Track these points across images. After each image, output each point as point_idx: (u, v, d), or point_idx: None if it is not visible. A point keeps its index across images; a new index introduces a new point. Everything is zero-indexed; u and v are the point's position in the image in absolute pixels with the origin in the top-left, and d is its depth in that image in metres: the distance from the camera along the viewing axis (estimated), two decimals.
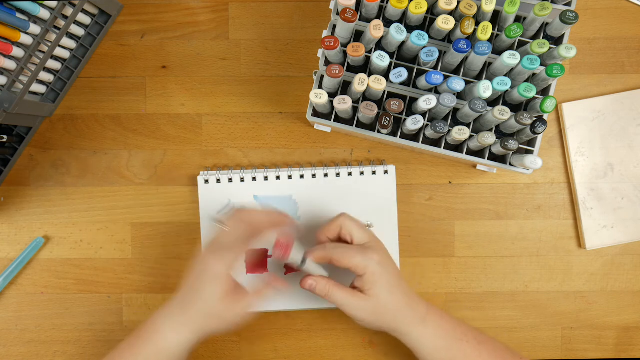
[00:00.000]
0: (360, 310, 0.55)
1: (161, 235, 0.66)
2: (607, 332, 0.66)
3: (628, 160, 0.65)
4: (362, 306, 0.55)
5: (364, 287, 0.54)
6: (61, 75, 0.64)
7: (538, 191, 0.66)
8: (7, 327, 0.66)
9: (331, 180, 0.65)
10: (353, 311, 0.55)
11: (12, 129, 0.64)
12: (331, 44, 0.54)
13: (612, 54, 0.66)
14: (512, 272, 0.66)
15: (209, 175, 0.65)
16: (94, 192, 0.66)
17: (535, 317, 0.66)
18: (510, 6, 0.54)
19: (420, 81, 0.58)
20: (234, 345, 0.66)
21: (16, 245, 0.66)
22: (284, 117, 0.66)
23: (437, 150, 0.60)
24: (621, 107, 0.65)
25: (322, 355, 0.66)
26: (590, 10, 0.67)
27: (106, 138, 0.66)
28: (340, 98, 0.55)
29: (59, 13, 0.57)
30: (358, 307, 0.55)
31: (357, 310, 0.55)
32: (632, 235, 0.65)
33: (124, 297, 0.66)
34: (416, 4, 0.53)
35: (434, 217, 0.66)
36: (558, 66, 0.54)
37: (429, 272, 0.66)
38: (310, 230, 0.65)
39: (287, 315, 0.66)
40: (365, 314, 0.55)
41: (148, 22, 0.67)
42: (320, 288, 0.55)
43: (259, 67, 0.67)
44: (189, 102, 0.66)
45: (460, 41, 0.54)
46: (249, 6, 0.67)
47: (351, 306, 0.55)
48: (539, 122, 0.54)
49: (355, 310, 0.55)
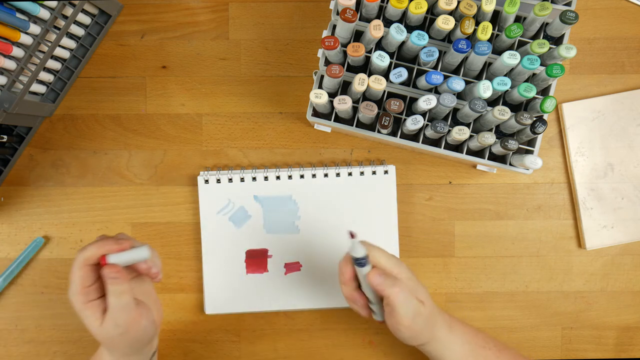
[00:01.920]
0: (419, 316, 0.51)
1: (161, 235, 0.66)
2: (607, 332, 0.66)
3: (628, 160, 0.65)
4: (423, 312, 0.51)
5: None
6: (61, 75, 0.64)
7: (538, 191, 0.66)
8: (7, 327, 0.66)
9: (331, 180, 0.65)
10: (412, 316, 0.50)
11: (12, 129, 0.64)
12: (331, 44, 0.54)
13: (612, 54, 0.66)
14: (512, 272, 0.66)
15: (209, 175, 0.65)
16: (94, 192, 0.66)
17: (535, 317, 0.66)
18: (510, 6, 0.54)
19: (420, 81, 0.58)
20: (234, 345, 0.66)
21: (16, 245, 0.66)
22: (284, 117, 0.66)
23: (437, 150, 0.60)
24: (621, 107, 0.65)
25: (322, 355, 0.66)
26: (590, 10, 0.67)
27: (106, 138, 0.66)
28: (340, 98, 0.55)
29: (59, 13, 0.57)
30: (420, 313, 0.51)
31: (417, 316, 0.51)
32: (632, 235, 0.65)
33: None
34: (416, 4, 0.53)
35: (434, 217, 0.66)
36: (558, 66, 0.54)
37: (429, 272, 0.66)
38: (310, 230, 0.65)
39: (287, 315, 0.66)
40: (421, 320, 0.51)
41: (148, 22, 0.67)
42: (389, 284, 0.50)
43: (259, 67, 0.67)
44: (189, 102, 0.66)
45: (460, 41, 0.54)
46: (249, 6, 0.67)
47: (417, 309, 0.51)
48: (539, 122, 0.54)
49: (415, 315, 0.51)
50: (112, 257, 0.48)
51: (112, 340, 0.49)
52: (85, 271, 0.48)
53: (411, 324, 0.51)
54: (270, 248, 0.65)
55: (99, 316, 0.48)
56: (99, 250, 0.48)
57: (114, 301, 0.47)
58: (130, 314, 0.48)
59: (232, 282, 0.65)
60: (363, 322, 0.66)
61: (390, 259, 0.52)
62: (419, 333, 0.53)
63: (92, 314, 0.48)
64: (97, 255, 0.48)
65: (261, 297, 0.65)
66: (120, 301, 0.47)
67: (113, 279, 0.47)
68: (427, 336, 0.54)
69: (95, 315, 0.48)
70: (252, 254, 0.65)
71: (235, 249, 0.65)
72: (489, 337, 0.58)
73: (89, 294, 0.48)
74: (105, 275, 0.47)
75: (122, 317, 0.48)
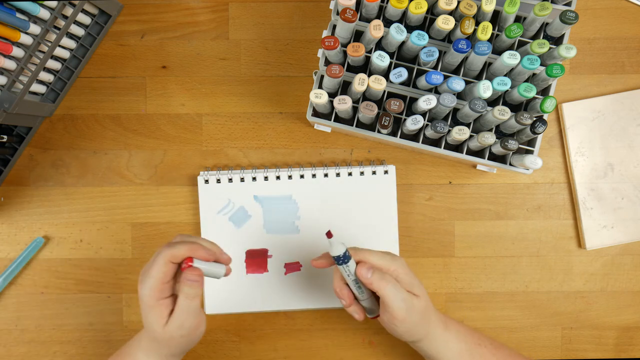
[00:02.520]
0: (413, 311, 0.51)
1: (161, 235, 0.66)
2: (607, 332, 0.66)
3: (628, 160, 0.65)
4: (417, 306, 0.51)
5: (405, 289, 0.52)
6: (61, 75, 0.64)
7: (538, 191, 0.66)
8: (7, 327, 0.66)
9: (331, 180, 0.65)
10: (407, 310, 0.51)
11: (12, 129, 0.64)
12: (331, 44, 0.54)
13: (612, 54, 0.66)
14: (512, 272, 0.66)
15: (209, 175, 0.65)
16: (94, 192, 0.66)
17: (535, 317, 0.66)
18: (510, 6, 0.54)
19: (420, 81, 0.58)
20: (234, 345, 0.66)
21: (16, 245, 0.66)
22: (284, 117, 0.66)
23: (437, 150, 0.60)
24: (621, 107, 0.65)
25: (322, 355, 0.66)
26: (590, 10, 0.67)
27: (106, 138, 0.66)
28: (340, 98, 0.55)
29: (59, 13, 0.57)
30: (413, 307, 0.51)
31: (411, 310, 0.51)
32: (632, 235, 0.65)
33: (124, 297, 0.66)
34: (416, 4, 0.53)
35: (434, 217, 0.66)
36: (558, 66, 0.54)
37: (429, 272, 0.66)
38: (310, 230, 0.65)
39: (287, 315, 0.66)
40: (416, 315, 0.52)
41: (148, 22, 0.67)
42: (378, 276, 0.50)
43: (259, 67, 0.67)
44: (189, 102, 0.66)
45: (460, 41, 0.54)
46: (249, 6, 0.67)
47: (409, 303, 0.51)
48: (539, 122, 0.54)
49: (409, 309, 0.51)
50: (197, 262, 0.49)
51: (170, 340, 0.50)
52: (169, 268, 0.48)
53: (405, 317, 0.51)
54: (270, 248, 0.65)
55: (165, 315, 0.49)
56: (189, 253, 0.49)
57: (186, 304, 0.48)
58: (195, 319, 0.49)
59: (232, 282, 0.65)
60: (363, 322, 0.66)
61: (383, 257, 0.52)
62: (414, 327, 0.53)
63: (160, 312, 0.49)
64: (184, 256, 0.49)
65: (261, 297, 0.65)
66: (191, 304, 0.49)
67: (193, 282, 0.49)
68: (422, 332, 0.54)
69: (163, 314, 0.49)
70: (252, 254, 0.65)
71: (235, 249, 0.65)
72: (484, 336, 0.58)
73: (163, 291, 0.49)
74: (186, 277, 0.48)
75: (189, 321, 0.49)
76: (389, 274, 0.52)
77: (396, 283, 0.51)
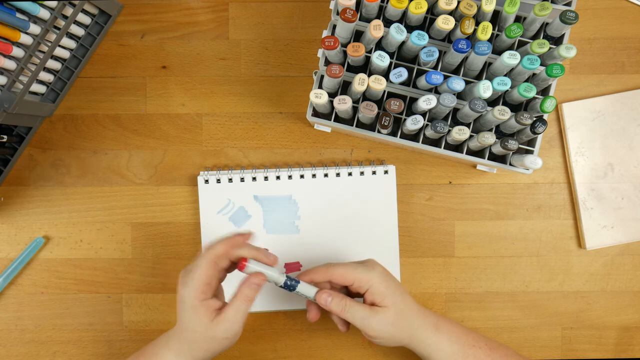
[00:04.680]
0: (382, 324, 0.52)
1: (161, 235, 0.66)
2: (607, 332, 0.66)
3: (628, 160, 0.65)
4: (384, 319, 0.52)
5: (376, 300, 0.52)
6: (61, 75, 0.64)
7: (538, 191, 0.66)
8: (7, 327, 0.66)
9: (331, 180, 0.65)
10: (374, 325, 0.52)
11: (12, 129, 0.64)
12: (331, 44, 0.54)
13: (612, 54, 0.66)
14: (512, 272, 0.66)
15: (209, 175, 0.65)
16: (94, 192, 0.66)
17: (535, 317, 0.66)
18: (510, 6, 0.54)
19: (420, 81, 0.58)
20: (234, 345, 0.66)
21: (16, 245, 0.66)
22: (284, 117, 0.66)
23: (437, 150, 0.60)
24: (621, 107, 0.65)
25: (322, 355, 0.66)
26: (590, 10, 0.67)
27: (106, 138, 0.66)
28: (340, 98, 0.55)
29: (59, 13, 0.57)
30: (380, 321, 0.52)
31: (379, 325, 0.52)
32: (632, 235, 0.65)
33: (124, 297, 0.66)
34: (416, 4, 0.53)
35: (434, 217, 0.66)
36: (558, 66, 0.54)
37: (429, 272, 0.66)
38: (310, 230, 0.65)
39: (287, 315, 0.66)
40: (387, 326, 0.52)
41: (148, 22, 0.67)
42: (337, 303, 0.52)
43: (259, 67, 0.67)
44: (189, 102, 0.66)
45: (460, 41, 0.54)
46: (249, 6, 0.67)
47: (372, 320, 0.52)
48: (539, 122, 0.54)
49: (377, 325, 0.52)
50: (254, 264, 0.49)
51: (210, 341, 0.50)
52: (213, 269, 0.49)
53: (377, 333, 0.52)
54: (270, 248, 0.65)
55: (209, 315, 0.49)
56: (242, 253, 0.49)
57: (243, 306, 0.49)
58: (241, 323, 0.50)
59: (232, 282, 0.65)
60: None
61: (356, 269, 0.53)
62: (390, 337, 0.53)
63: (204, 312, 0.49)
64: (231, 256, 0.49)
65: (261, 297, 0.65)
66: (244, 307, 0.49)
67: (255, 285, 0.49)
68: (403, 338, 0.54)
69: (207, 314, 0.49)
70: None
71: None
72: (480, 336, 0.57)
73: (206, 292, 0.49)
74: (251, 280, 0.49)
75: (239, 323, 0.49)
76: (362, 284, 0.52)
77: (354, 304, 0.52)
